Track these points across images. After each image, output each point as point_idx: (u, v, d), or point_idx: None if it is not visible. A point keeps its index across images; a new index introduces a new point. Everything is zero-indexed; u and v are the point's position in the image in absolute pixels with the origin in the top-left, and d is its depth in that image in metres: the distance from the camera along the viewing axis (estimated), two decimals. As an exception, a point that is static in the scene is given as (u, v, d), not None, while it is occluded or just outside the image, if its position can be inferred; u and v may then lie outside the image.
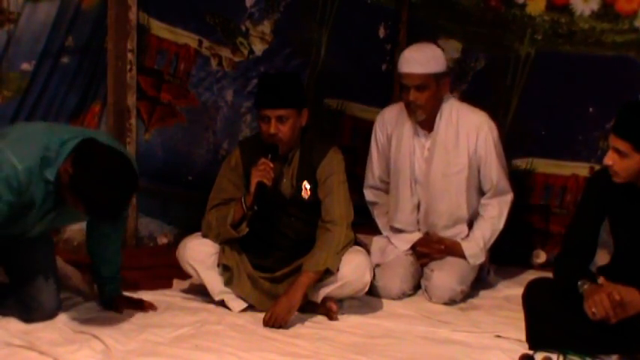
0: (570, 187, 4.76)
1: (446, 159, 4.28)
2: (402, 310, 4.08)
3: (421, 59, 4.19)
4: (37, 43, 4.28)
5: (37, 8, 4.26)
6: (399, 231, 4.42)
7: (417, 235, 4.38)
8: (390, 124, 4.42)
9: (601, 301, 3.29)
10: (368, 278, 3.92)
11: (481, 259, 4.29)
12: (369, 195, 4.56)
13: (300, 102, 3.95)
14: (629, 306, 3.30)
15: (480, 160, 4.29)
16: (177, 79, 4.74)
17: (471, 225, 4.36)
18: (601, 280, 3.44)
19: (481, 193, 4.36)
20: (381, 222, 4.51)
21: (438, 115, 4.27)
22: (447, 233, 4.34)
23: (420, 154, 4.33)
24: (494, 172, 4.30)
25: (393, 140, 4.39)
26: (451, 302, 4.19)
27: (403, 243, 4.39)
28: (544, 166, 4.85)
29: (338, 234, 3.88)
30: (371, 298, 4.21)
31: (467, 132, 4.27)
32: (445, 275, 4.19)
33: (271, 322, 3.75)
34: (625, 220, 3.49)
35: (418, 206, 4.37)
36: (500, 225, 4.32)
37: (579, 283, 3.39)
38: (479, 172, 4.31)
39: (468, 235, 4.35)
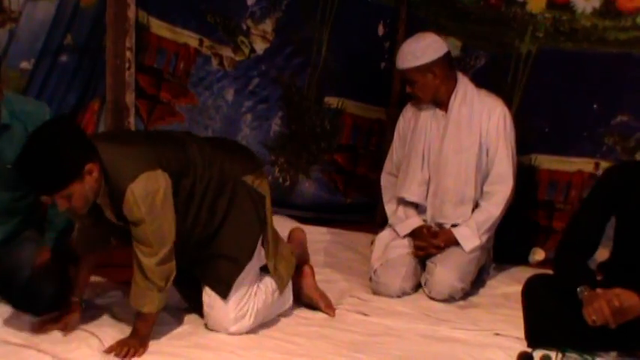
0: (575, 183, 4.75)
1: (458, 136, 4.30)
2: (401, 308, 4.07)
3: (405, 55, 4.27)
4: (36, 42, 4.30)
5: (36, 7, 4.28)
6: (406, 203, 4.41)
7: (417, 222, 4.37)
8: (412, 110, 4.46)
9: (600, 308, 3.28)
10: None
11: (475, 242, 4.27)
12: (384, 180, 4.58)
13: (73, 173, 3.22)
14: (628, 311, 3.28)
15: (489, 142, 4.30)
16: (176, 78, 4.75)
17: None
18: (598, 289, 3.40)
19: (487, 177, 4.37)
20: (389, 209, 4.50)
21: (453, 94, 4.32)
22: (453, 213, 4.33)
23: (435, 133, 4.35)
24: (499, 156, 4.30)
25: (412, 122, 4.44)
26: (450, 299, 4.18)
27: (404, 228, 4.38)
28: (549, 162, 4.83)
29: (148, 273, 3.41)
30: (371, 295, 4.21)
31: (480, 112, 4.31)
32: (447, 271, 4.18)
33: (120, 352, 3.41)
34: (634, 220, 3.47)
35: (428, 183, 4.37)
36: (496, 213, 4.30)
37: (578, 289, 3.37)
38: (487, 154, 4.32)
39: None
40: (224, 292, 3.61)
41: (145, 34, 4.60)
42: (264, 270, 3.77)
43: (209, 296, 3.64)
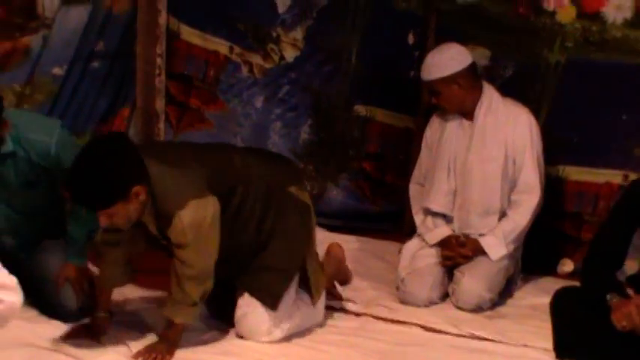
0: (604, 194, 4.71)
1: (484, 145, 4.29)
2: (429, 318, 4.05)
3: (429, 67, 4.28)
4: (69, 48, 4.34)
5: (69, 13, 4.31)
6: (433, 214, 4.40)
7: (446, 231, 4.36)
8: (439, 120, 4.46)
9: (630, 313, 3.27)
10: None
11: (502, 251, 4.24)
12: (412, 190, 4.57)
13: (118, 195, 3.20)
14: None
15: (515, 151, 4.28)
16: (206, 85, 4.77)
17: None
18: (630, 292, 3.40)
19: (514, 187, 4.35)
20: (418, 218, 4.49)
21: (479, 104, 4.31)
22: (480, 224, 4.32)
23: (461, 143, 4.34)
24: (525, 166, 4.29)
25: (438, 132, 4.44)
26: (478, 309, 4.16)
27: (432, 238, 4.37)
28: (577, 173, 4.79)
29: (186, 288, 3.44)
30: (398, 304, 4.20)
31: (506, 121, 4.29)
32: (475, 281, 4.17)
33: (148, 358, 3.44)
34: None
35: (454, 193, 4.36)
36: (523, 222, 4.28)
37: (608, 297, 3.36)
38: (514, 164, 4.30)
39: None
40: (273, 304, 3.61)
41: (175, 41, 4.63)
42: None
43: (247, 305, 3.64)
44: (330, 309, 3.99)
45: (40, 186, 3.60)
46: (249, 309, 3.63)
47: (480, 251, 4.26)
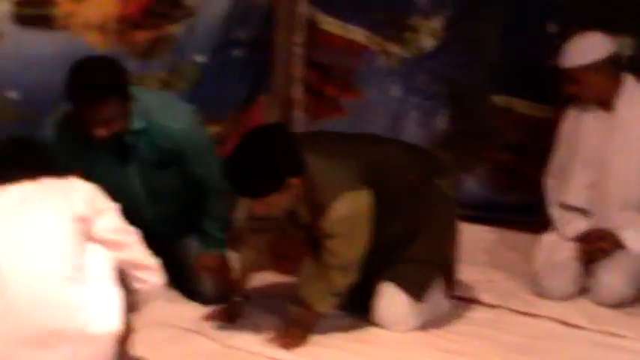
0: None
1: (623, 137, 4.18)
2: (565, 312, 3.96)
3: (570, 54, 4.18)
4: (211, 36, 4.42)
5: (211, 2, 4.41)
6: (570, 208, 4.31)
7: (583, 225, 4.26)
8: (576, 111, 4.35)
9: None
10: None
11: None
12: (548, 183, 4.47)
13: (274, 185, 3.26)
14: None
15: None
16: (343, 74, 4.79)
17: None
18: None
19: None
20: (554, 212, 4.39)
21: (618, 95, 4.19)
22: (619, 218, 4.20)
23: (599, 135, 4.24)
24: None
25: (575, 123, 4.34)
26: (618, 305, 4.04)
27: (569, 232, 4.27)
28: None
29: (331, 276, 3.48)
30: (534, 297, 4.12)
31: None
32: (615, 276, 4.07)
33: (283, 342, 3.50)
34: None
35: (592, 186, 4.26)
36: None
37: None
38: None
39: None
40: (418, 295, 3.64)
41: (314, 29, 4.67)
42: None
43: (389, 294, 3.65)
44: (464, 300, 3.98)
45: (169, 169, 3.67)
46: (391, 298, 3.65)
47: (620, 245, 4.16)
